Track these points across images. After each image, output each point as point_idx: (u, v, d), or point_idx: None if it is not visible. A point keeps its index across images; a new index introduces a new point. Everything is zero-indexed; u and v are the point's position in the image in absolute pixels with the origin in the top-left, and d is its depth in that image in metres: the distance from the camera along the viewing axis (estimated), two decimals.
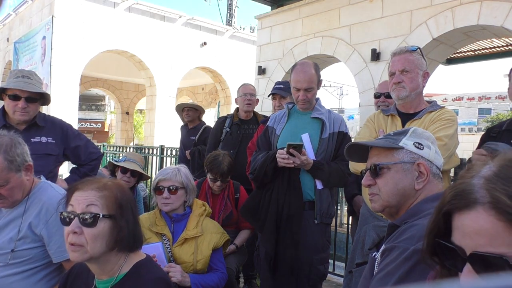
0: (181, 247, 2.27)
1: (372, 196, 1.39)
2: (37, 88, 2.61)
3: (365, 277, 1.31)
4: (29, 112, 2.59)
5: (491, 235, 0.66)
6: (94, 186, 1.38)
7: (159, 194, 2.34)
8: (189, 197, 2.41)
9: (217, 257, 2.35)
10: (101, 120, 29.47)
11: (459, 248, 0.71)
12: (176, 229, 2.34)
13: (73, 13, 10.78)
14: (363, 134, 2.35)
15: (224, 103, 14.69)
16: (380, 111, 2.40)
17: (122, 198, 1.40)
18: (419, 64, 2.20)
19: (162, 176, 2.38)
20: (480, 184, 0.70)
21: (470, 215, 0.69)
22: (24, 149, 1.73)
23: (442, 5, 5.19)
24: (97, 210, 1.33)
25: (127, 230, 1.38)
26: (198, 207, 2.44)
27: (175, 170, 2.41)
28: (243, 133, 3.82)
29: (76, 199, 1.36)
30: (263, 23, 7.69)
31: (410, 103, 2.23)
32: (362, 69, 6.09)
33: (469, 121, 39.76)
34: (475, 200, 0.69)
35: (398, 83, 2.18)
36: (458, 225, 0.72)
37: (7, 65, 14.38)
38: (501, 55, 7.89)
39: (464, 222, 0.70)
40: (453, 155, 2.12)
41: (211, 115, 19.96)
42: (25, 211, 1.71)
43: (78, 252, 1.32)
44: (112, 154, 7.85)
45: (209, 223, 2.42)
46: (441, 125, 2.07)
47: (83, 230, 1.31)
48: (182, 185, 2.35)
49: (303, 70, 2.56)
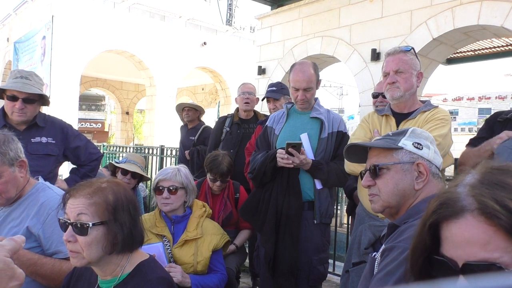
0: (181, 248, 2.27)
1: (372, 196, 1.39)
2: (35, 89, 2.60)
3: (365, 277, 1.31)
4: (27, 113, 2.58)
5: (484, 241, 0.66)
6: (85, 192, 1.36)
7: (159, 194, 2.34)
8: (189, 197, 2.40)
9: (217, 258, 2.35)
10: (101, 120, 29.47)
11: (450, 260, 0.69)
12: (176, 231, 2.34)
13: (73, 13, 10.78)
14: (358, 134, 2.36)
15: (224, 103, 14.69)
16: (374, 112, 2.42)
17: (116, 201, 1.38)
18: (413, 64, 2.20)
19: (162, 176, 2.38)
20: (465, 192, 0.69)
21: (459, 224, 0.68)
22: (17, 146, 1.72)
23: (442, 5, 5.19)
24: (87, 219, 1.33)
25: (122, 233, 1.37)
26: (198, 208, 2.43)
27: (175, 170, 2.40)
28: (243, 132, 3.82)
29: (69, 206, 1.36)
30: (263, 23, 7.69)
31: (404, 103, 2.24)
32: (362, 69, 6.09)
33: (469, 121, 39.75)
34: (462, 208, 0.68)
35: (392, 83, 2.19)
36: (446, 236, 0.71)
37: (7, 65, 14.39)
38: (501, 55, 7.90)
39: (453, 231, 0.69)
40: (447, 154, 2.13)
41: (211, 115, 19.97)
42: (23, 212, 1.71)
43: (76, 258, 1.34)
44: (112, 154, 7.85)
45: (209, 224, 2.41)
46: (435, 125, 2.09)
47: (77, 238, 1.32)
48: (182, 185, 2.35)
49: (302, 70, 2.56)
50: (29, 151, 2.34)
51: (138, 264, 1.44)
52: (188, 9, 14.05)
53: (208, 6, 18.80)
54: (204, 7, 18.67)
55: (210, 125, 4.97)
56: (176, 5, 14.40)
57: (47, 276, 1.64)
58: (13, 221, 1.71)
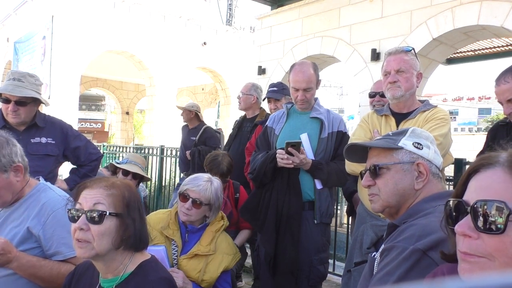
0: (189, 260, 2.15)
1: (372, 196, 1.39)
2: (27, 91, 2.58)
3: (365, 277, 1.31)
4: (20, 115, 2.58)
5: (502, 189, 0.76)
6: (103, 184, 1.40)
7: (182, 201, 2.19)
8: (212, 214, 2.25)
9: (225, 279, 2.22)
10: (101, 120, 29.46)
11: (464, 201, 0.81)
12: (189, 239, 2.21)
13: (73, 13, 10.78)
14: (358, 134, 2.36)
15: (224, 103, 14.69)
16: (373, 112, 2.42)
17: (130, 198, 1.42)
18: (413, 64, 2.21)
19: (192, 186, 2.20)
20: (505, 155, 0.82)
21: (487, 173, 0.80)
22: (12, 150, 1.69)
23: (442, 5, 5.19)
24: (104, 209, 1.35)
25: (133, 229, 1.40)
26: (216, 221, 2.29)
27: (207, 183, 2.22)
28: (242, 131, 3.86)
29: (84, 197, 1.38)
30: (263, 23, 7.69)
31: (404, 102, 2.24)
32: (362, 69, 6.09)
33: (469, 121, 39.75)
34: (497, 161, 0.80)
35: (393, 83, 2.20)
36: (470, 185, 0.83)
37: (7, 65, 14.39)
38: (501, 55, 7.89)
39: (479, 178, 0.82)
40: (447, 154, 2.13)
41: (211, 115, 19.95)
42: (24, 213, 1.71)
43: (84, 248, 1.33)
44: (112, 154, 7.85)
45: (224, 242, 2.26)
46: (435, 125, 2.09)
47: (89, 227, 1.33)
48: (209, 202, 2.20)
49: (301, 70, 2.56)
50: (29, 151, 2.33)
51: (140, 264, 1.44)
52: (188, 9, 14.06)
53: (208, 6, 18.80)
54: (204, 7, 18.68)
55: (211, 126, 4.99)
56: (176, 5, 14.41)
57: (46, 279, 1.64)
58: (13, 221, 1.70)
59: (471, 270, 0.77)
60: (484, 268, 0.75)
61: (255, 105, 4.00)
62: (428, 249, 1.09)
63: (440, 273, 0.96)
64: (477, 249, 0.76)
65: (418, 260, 1.09)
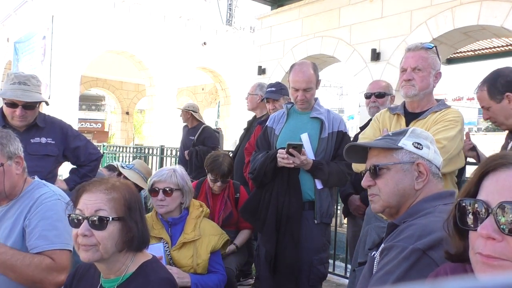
0: (179, 251, 2.24)
1: (372, 196, 1.39)
2: (35, 95, 2.58)
3: (364, 276, 1.31)
4: (27, 118, 2.58)
5: None
6: (102, 188, 1.38)
7: (154, 196, 2.29)
8: (186, 198, 2.35)
9: (215, 259, 2.32)
10: (101, 120, 29.46)
11: (484, 202, 0.77)
12: (174, 232, 2.30)
13: (73, 13, 10.79)
14: (368, 134, 2.33)
15: (224, 103, 14.69)
16: (386, 110, 2.35)
17: (131, 199, 1.41)
18: (432, 63, 2.12)
19: (157, 177, 2.32)
20: None
21: (507, 172, 0.77)
22: (19, 145, 1.75)
23: (442, 5, 5.19)
24: (106, 214, 1.34)
25: (136, 230, 1.39)
26: (195, 209, 2.40)
27: (170, 171, 2.35)
28: (250, 131, 3.85)
29: (85, 203, 1.36)
30: (263, 23, 7.69)
31: (417, 102, 2.17)
32: (362, 69, 6.09)
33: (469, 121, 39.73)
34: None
35: (408, 81, 2.12)
36: (487, 184, 0.80)
37: (7, 65, 14.39)
38: (501, 55, 7.89)
39: (499, 177, 0.78)
40: (456, 156, 2.03)
41: (211, 115, 19.95)
42: (17, 210, 1.72)
43: (90, 251, 1.33)
44: (112, 154, 7.85)
45: (207, 225, 2.38)
46: (443, 127, 2.02)
47: (93, 232, 1.32)
48: (178, 187, 2.29)
49: (301, 71, 2.55)
50: (29, 151, 2.33)
51: (141, 264, 1.44)
52: (188, 9, 14.07)
53: (208, 6, 18.80)
54: (204, 7, 18.66)
55: (210, 125, 4.99)
56: (176, 5, 14.40)
57: (16, 268, 1.58)
58: (8, 220, 1.71)
59: (493, 273, 0.75)
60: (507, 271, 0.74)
61: (262, 104, 3.94)
62: (428, 248, 1.09)
63: (443, 272, 0.96)
64: (502, 252, 0.73)
65: (417, 259, 1.09)
